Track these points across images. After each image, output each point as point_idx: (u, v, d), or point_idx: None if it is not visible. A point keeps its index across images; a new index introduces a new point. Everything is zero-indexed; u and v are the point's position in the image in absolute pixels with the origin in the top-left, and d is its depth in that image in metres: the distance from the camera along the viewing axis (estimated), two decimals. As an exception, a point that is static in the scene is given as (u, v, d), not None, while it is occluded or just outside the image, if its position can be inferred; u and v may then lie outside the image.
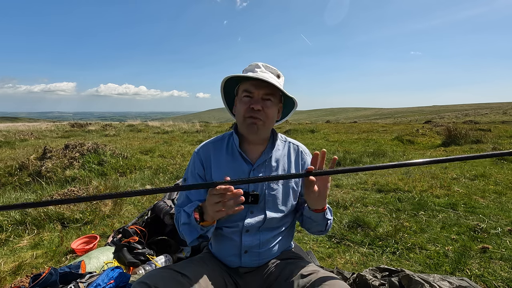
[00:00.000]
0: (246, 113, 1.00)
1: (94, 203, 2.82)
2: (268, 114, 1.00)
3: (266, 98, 1.00)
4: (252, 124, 1.00)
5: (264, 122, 1.01)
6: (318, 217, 1.01)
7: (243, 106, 1.01)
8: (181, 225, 0.99)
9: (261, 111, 0.99)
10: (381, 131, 10.81)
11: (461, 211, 2.76)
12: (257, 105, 0.97)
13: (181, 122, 14.63)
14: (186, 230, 0.98)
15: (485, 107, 49.12)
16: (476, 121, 16.78)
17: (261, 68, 1.03)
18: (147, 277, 0.86)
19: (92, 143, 5.02)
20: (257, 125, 1.00)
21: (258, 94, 0.99)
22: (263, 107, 0.99)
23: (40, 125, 14.59)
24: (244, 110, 1.00)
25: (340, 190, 3.59)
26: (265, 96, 1.00)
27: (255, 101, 0.99)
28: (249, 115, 1.00)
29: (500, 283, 1.66)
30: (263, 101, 0.99)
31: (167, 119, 19.56)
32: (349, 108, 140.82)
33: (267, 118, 1.01)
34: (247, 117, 1.00)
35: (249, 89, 1.00)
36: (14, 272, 1.87)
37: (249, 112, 0.99)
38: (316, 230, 1.09)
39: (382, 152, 5.97)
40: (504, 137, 7.80)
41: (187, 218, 0.97)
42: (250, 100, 1.00)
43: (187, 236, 0.98)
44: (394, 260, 1.96)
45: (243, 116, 1.01)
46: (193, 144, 8.20)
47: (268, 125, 1.04)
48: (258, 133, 1.03)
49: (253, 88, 0.99)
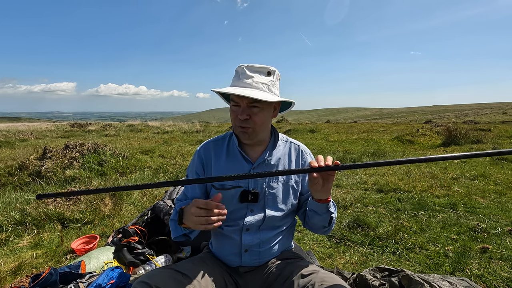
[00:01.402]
0: (236, 122, 1.02)
1: (94, 203, 2.82)
2: (256, 121, 0.99)
3: (252, 105, 0.98)
4: (243, 132, 1.02)
5: (254, 129, 1.01)
6: (322, 209, 0.99)
7: (232, 115, 1.03)
8: (170, 220, 1.07)
9: (248, 119, 0.98)
10: (381, 131, 10.81)
11: (461, 211, 2.76)
12: (243, 115, 0.98)
13: (181, 122, 14.63)
14: (172, 225, 1.04)
15: (485, 107, 49.12)
16: (476, 121, 16.78)
17: (245, 72, 0.99)
18: (147, 277, 0.87)
19: (92, 143, 5.02)
20: (247, 133, 1.01)
21: (243, 103, 0.98)
22: (251, 115, 0.98)
23: (40, 125, 14.59)
24: (233, 119, 1.03)
25: (340, 190, 3.59)
26: (250, 104, 0.98)
27: (241, 110, 0.98)
28: (238, 125, 1.01)
29: (500, 283, 1.66)
30: (250, 109, 0.98)
31: (167, 119, 19.56)
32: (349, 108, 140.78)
33: (255, 125, 1.00)
34: (237, 125, 1.02)
35: (234, 99, 1.01)
36: (14, 272, 1.87)
37: (237, 122, 1.01)
38: (319, 225, 1.06)
39: (382, 152, 5.97)
40: (504, 137, 7.80)
41: (175, 215, 1.03)
42: (237, 109, 1.00)
43: (172, 232, 1.04)
44: (394, 260, 1.96)
45: (234, 125, 1.04)
46: (193, 144, 8.20)
47: (259, 130, 1.03)
48: (251, 138, 1.04)
49: (236, 98, 0.99)
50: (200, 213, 0.84)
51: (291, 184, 1.10)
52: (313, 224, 1.07)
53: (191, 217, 0.87)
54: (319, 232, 1.10)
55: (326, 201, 0.98)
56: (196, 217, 0.85)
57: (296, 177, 1.11)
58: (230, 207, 1.04)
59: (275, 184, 1.07)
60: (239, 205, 1.05)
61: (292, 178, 1.10)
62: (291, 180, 1.10)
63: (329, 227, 1.06)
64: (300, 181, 1.12)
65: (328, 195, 0.97)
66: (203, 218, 0.84)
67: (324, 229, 1.07)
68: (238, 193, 1.04)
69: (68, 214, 2.62)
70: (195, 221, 0.85)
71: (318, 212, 1.01)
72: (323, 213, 1.01)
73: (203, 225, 0.85)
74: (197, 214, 0.85)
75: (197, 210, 0.85)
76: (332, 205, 1.03)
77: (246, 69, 1.00)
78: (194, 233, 1.02)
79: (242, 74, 1.00)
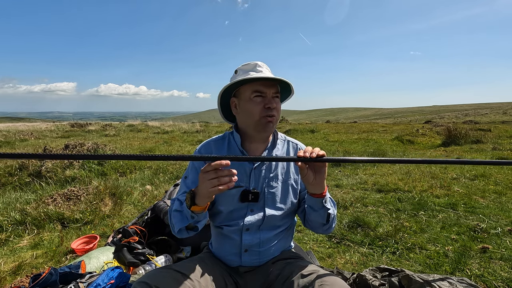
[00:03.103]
0: (263, 112, 1.01)
1: (94, 203, 2.83)
2: (279, 110, 1.05)
3: (275, 95, 1.04)
4: (269, 122, 1.02)
5: (277, 119, 1.05)
6: (317, 203, 0.98)
7: (256, 106, 1.01)
8: (173, 212, 0.98)
9: (274, 108, 1.02)
10: (381, 131, 10.81)
11: (461, 211, 2.76)
12: (272, 104, 1.01)
13: (181, 122, 14.63)
14: (177, 217, 0.96)
15: (485, 107, 49.11)
16: (476, 121, 16.79)
17: (262, 67, 1.05)
18: (147, 277, 0.87)
19: (92, 143, 5.02)
20: (273, 122, 1.03)
21: (270, 93, 1.02)
22: (276, 104, 1.03)
23: (40, 125, 14.59)
24: (259, 110, 1.01)
25: (340, 190, 3.59)
26: (274, 94, 1.03)
27: (269, 100, 1.01)
28: (265, 114, 1.01)
29: (500, 283, 1.66)
30: (274, 99, 1.03)
31: (167, 119, 19.57)
32: (349, 108, 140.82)
33: (278, 115, 1.05)
34: (263, 116, 1.01)
35: (260, 89, 1.01)
36: (14, 272, 1.87)
37: (265, 111, 1.01)
38: (318, 223, 1.03)
39: (382, 152, 5.98)
40: (504, 137, 7.81)
41: (180, 205, 0.97)
42: (263, 99, 1.01)
43: (177, 223, 0.96)
44: (394, 260, 1.96)
45: (259, 116, 1.01)
46: (193, 144, 8.20)
47: (278, 121, 1.08)
48: (272, 130, 1.07)
49: (264, 88, 1.01)
50: (210, 175, 0.82)
51: (290, 183, 1.10)
52: (312, 221, 1.06)
53: (201, 186, 0.84)
54: (319, 231, 1.08)
55: (321, 195, 0.97)
56: (208, 181, 0.82)
57: (295, 175, 1.12)
58: (231, 207, 1.05)
59: (275, 183, 1.08)
60: (240, 205, 1.05)
61: (291, 177, 1.11)
62: (290, 179, 1.10)
63: (328, 224, 1.04)
64: (299, 179, 1.12)
65: (322, 189, 0.95)
66: (215, 180, 0.81)
67: (323, 227, 1.05)
68: (239, 193, 1.04)
69: (68, 214, 2.62)
70: (208, 185, 0.82)
71: (314, 208, 1.00)
72: (319, 209, 0.99)
73: (217, 188, 0.82)
74: (207, 177, 0.82)
75: (206, 174, 0.83)
76: (328, 201, 1.01)
77: (262, 64, 1.05)
78: (202, 223, 0.97)
79: (259, 67, 1.04)
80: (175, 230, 0.98)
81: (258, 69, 1.03)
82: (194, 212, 0.91)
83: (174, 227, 0.98)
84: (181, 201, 0.98)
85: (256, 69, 1.04)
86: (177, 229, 0.97)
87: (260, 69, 1.04)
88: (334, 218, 1.05)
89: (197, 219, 0.93)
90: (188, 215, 0.92)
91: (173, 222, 0.98)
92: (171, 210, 1.01)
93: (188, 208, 0.90)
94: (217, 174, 0.82)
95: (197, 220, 0.94)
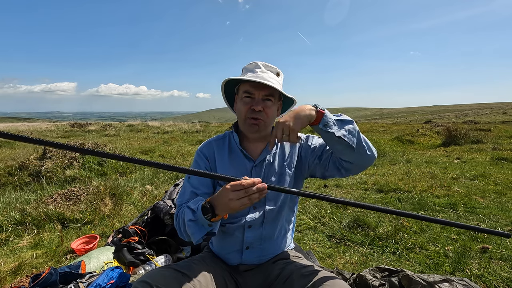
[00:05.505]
0: (248, 113, 1.02)
1: (94, 203, 2.82)
2: (268, 114, 1.03)
3: (266, 98, 1.02)
4: (253, 124, 1.02)
5: (265, 122, 1.03)
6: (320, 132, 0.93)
7: (244, 106, 1.02)
8: (187, 222, 0.92)
9: (262, 111, 1.01)
10: (381, 131, 10.81)
11: (461, 211, 2.76)
12: (258, 106, 1.00)
13: (181, 122, 14.62)
14: (194, 227, 0.91)
15: (485, 107, 49.11)
16: (476, 121, 16.78)
17: (261, 68, 1.04)
18: (148, 277, 0.87)
19: (92, 143, 5.02)
20: (259, 125, 1.03)
21: (258, 95, 1.01)
22: (264, 108, 1.01)
23: (40, 125, 14.58)
24: (245, 110, 1.02)
25: (340, 190, 3.59)
26: (265, 96, 1.01)
27: (256, 102, 1.01)
28: (250, 116, 1.01)
29: (500, 283, 1.66)
30: (264, 102, 1.01)
31: (167, 119, 19.57)
32: (349, 108, 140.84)
33: (267, 118, 1.03)
34: (248, 117, 1.02)
35: (249, 90, 1.01)
36: (14, 272, 1.87)
37: (250, 113, 1.01)
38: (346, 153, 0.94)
39: (382, 152, 5.97)
40: (504, 137, 7.80)
41: (193, 215, 0.92)
42: (251, 100, 1.01)
43: (195, 234, 0.91)
44: (394, 260, 1.96)
45: (245, 116, 1.03)
46: (193, 144, 8.19)
47: (269, 124, 1.07)
48: (259, 132, 1.06)
49: (253, 89, 1.01)
50: (239, 194, 0.80)
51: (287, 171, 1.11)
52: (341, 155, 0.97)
53: (229, 204, 0.82)
54: (365, 162, 0.99)
55: (316, 122, 0.91)
56: (238, 200, 0.80)
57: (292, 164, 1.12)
58: None
59: (273, 177, 1.09)
60: None
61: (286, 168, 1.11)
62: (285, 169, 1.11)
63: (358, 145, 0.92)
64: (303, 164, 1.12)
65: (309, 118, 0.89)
66: (245, 199, 0.80)
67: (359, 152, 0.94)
68: None
69: (68, 214, 2.62)
70: (237, 204, 0.81)
71: (326, 141, 0.96)
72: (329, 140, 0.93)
73: (246, 205, 0.81)
74: (237, 196, 0.80)
75: (236, 193, 0.80)
76: (329, 123, 0.90)
77: (262, 65, 1.04)
78: (217, 227, 0.93)
79: (257, 68, 1.03)
80: (194, 240, 0.93)
81: (256, 70, 1.03)
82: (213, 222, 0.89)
83: (192, 237, 0.93)
84: (193, 209, 0.92)
85: (254, 69, 1.04)
86: (196, 239, 0.92)
87: (257, 70, 1.03)
88: (355, 135, 0.92)
89: (214, 226, 0.91)
90: (205, 224, 0.89)
91: (189, 233, 0.93)
92: (183, 219, 0.96)
93: (206, 219, 0.87)
94: (248, 193, 0.80)
95: (214, 227, 0.92)
